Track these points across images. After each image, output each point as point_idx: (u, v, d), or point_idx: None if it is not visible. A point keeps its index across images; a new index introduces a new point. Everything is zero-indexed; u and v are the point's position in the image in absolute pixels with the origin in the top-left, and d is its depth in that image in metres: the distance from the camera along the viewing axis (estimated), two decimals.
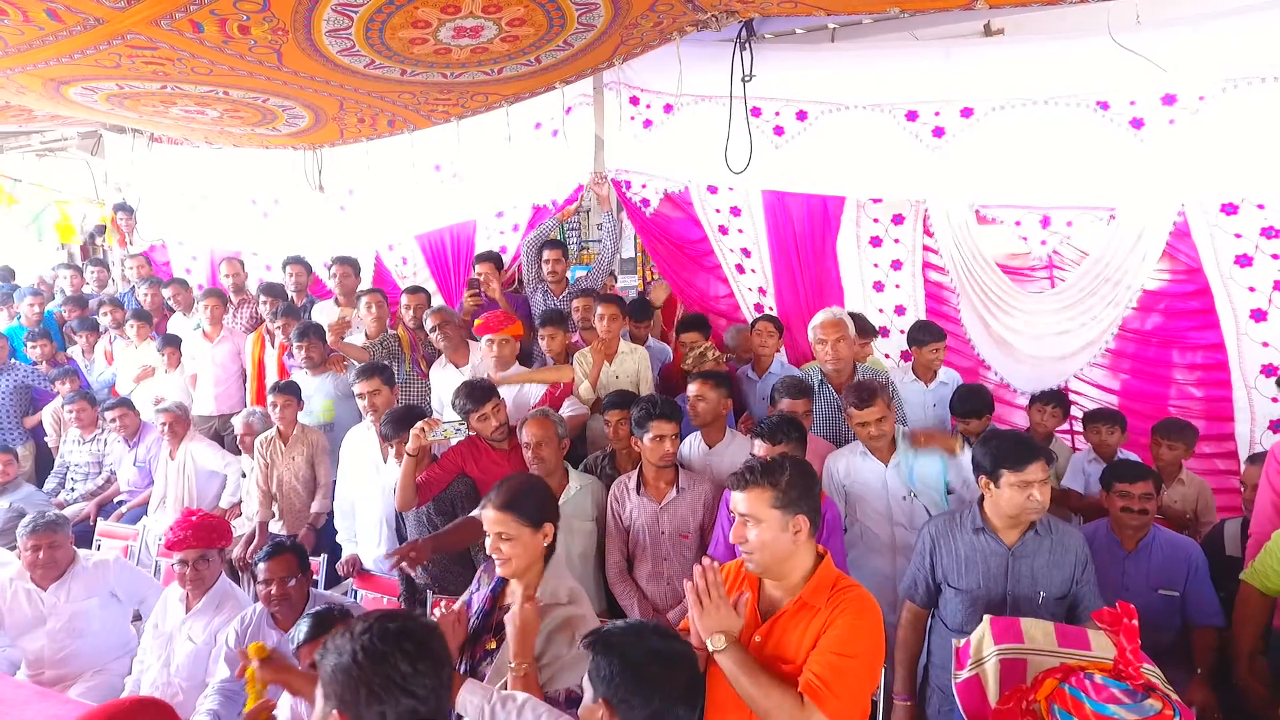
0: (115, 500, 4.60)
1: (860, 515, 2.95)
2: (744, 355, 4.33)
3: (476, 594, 2.15)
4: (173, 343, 5.03)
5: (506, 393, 3.50)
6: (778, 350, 4.05)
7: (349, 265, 5.00)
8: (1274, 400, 3.42)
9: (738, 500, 1.80)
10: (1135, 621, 1.79)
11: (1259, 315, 3.39)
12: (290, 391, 3.97)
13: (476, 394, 3.12)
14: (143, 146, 6.48)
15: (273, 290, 4.93)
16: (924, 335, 3.78)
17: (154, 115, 4.30)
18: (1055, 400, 3.54)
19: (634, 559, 2.98)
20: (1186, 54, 3.22)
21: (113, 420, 4.52)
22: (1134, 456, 3.30)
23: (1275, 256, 3.31)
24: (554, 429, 2.97)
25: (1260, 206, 3.27)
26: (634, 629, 1.51)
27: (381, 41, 3.05)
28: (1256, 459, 3.06)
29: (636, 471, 2.96)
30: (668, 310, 5.00)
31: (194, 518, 2.98)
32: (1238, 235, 3.34)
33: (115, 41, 2.90)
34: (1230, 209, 3.33)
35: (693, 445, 3.22)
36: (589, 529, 3.03)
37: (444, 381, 3.96)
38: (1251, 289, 3.37)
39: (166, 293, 5.55)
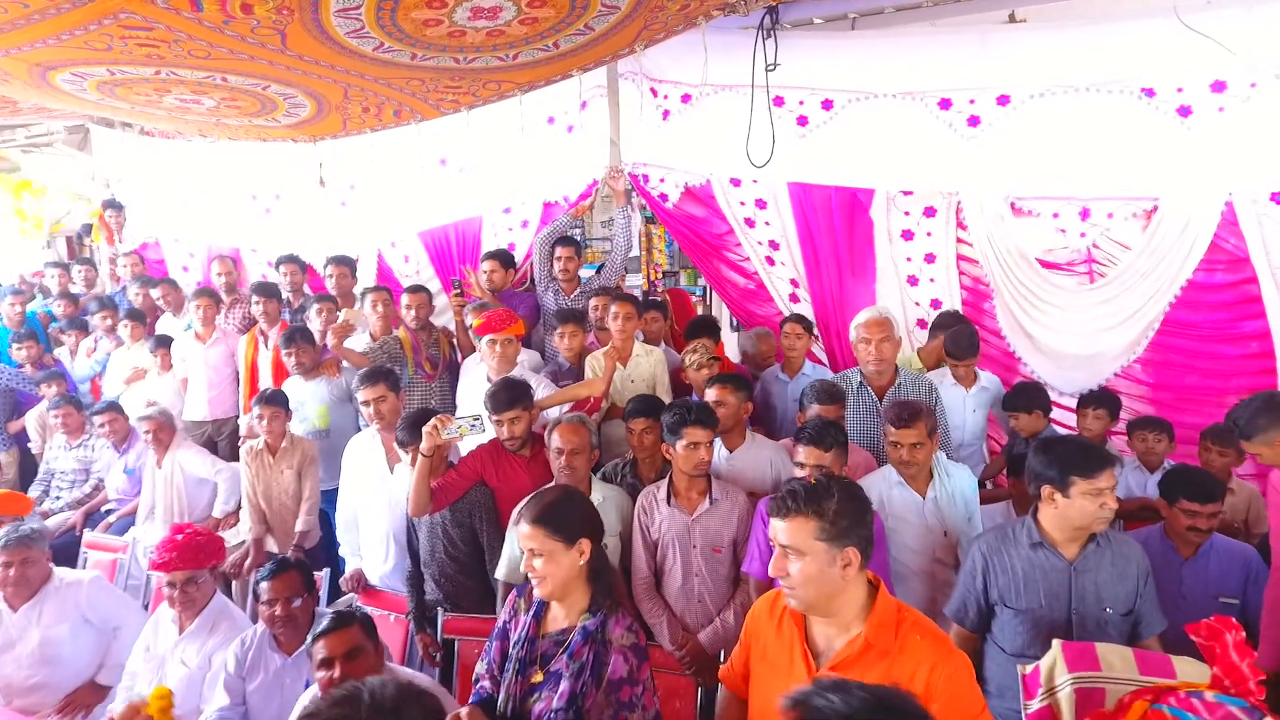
0: (103, 509, 4.36)
1: (895, 551, 2.74)
2: (763, 360, 4.16)
3: (513, 622, 1.95)
4: (165, 344, 4.81)
5: None
6: (808, 350, 3.87)
7: (345, 265, 4.84)
8: None
9: (778, 530, 1.60)
10: (1242, 635, 1.64)
11: None
12: (276, 402, 3.73)
13: (499, 399, 2.94)
14: (133, 140, 6.25)
15: (265, 290, 4.72)
16: (954, 350, 3.49)
17: (146, 105, 4.09)
18: (1103, 403, 3.37)
19: (661, 574, 2.79)
20: (1238, 39, 3.07)
21: (101, 425, 4.28)
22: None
23: None
24: (589, 437, 2.80)
25: None
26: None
27: (393, 22, 2.86)
28: None
29: (666, 481, 2.77)
30: (677, 317, 4.83)
31: (180, 536, 2.76)
32: None
33: (107, 21, 2.68)
34: None
35: (714, 450, 3.02)
36: (612, 544, 2.83)
37: (476, 379, 3.74)
38: None
39: (155, 293, 5.33)
